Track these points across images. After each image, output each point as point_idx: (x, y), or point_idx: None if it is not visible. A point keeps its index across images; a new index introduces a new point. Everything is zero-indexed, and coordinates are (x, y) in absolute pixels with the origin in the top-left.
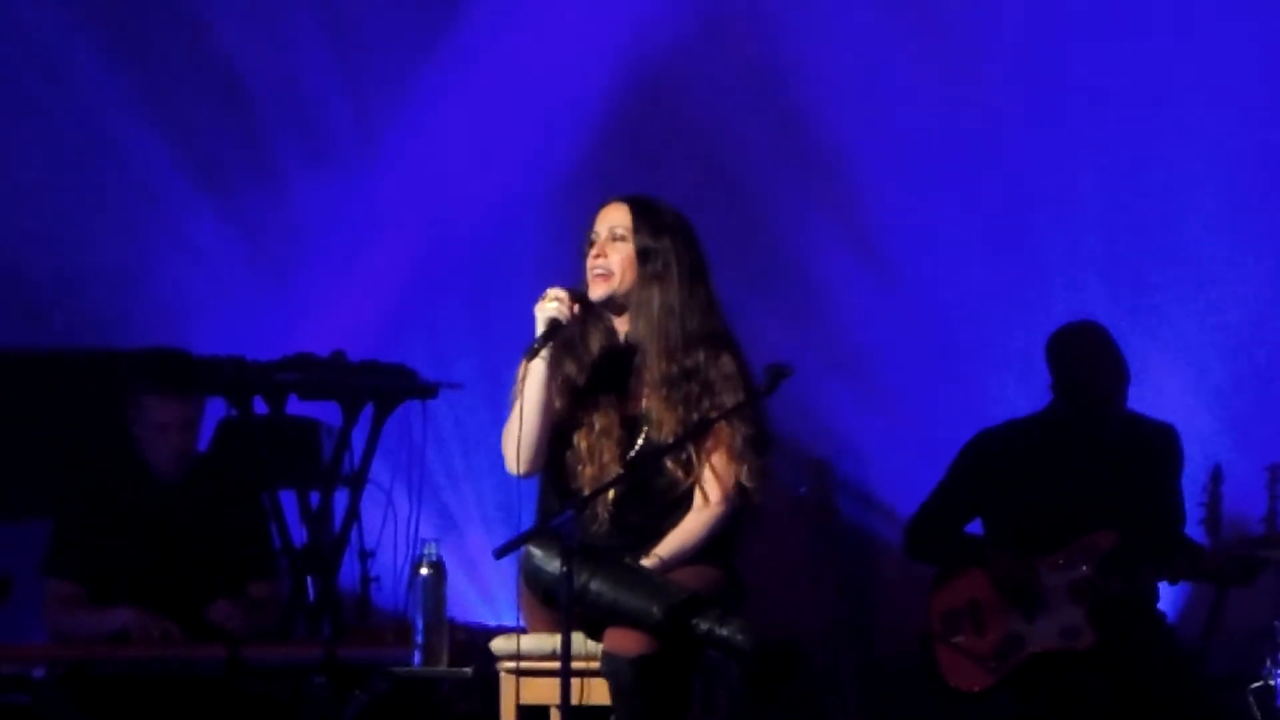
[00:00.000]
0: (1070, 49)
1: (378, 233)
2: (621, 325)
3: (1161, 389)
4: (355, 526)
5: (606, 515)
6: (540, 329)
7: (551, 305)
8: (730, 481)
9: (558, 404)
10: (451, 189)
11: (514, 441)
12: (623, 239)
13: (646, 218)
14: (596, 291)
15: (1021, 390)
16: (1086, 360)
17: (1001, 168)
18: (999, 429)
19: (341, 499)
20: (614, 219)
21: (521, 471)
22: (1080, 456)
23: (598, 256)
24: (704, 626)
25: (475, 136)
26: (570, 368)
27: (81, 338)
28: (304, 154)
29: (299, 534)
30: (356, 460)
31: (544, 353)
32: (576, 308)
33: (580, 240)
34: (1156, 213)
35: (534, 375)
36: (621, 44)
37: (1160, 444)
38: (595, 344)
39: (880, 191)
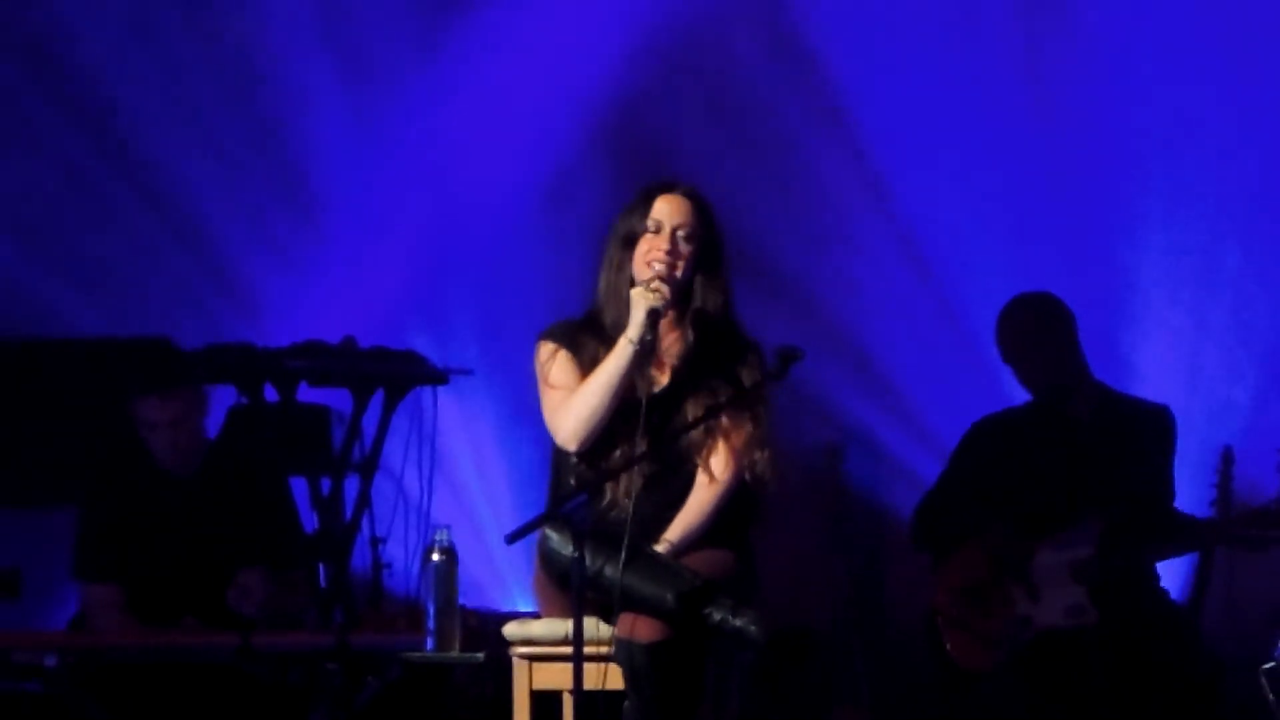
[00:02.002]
0: (1091, 45)
1: (387, 219)
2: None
3: (1173, 371)
4: (366, 513)
5: (628, 501)
6: (640, 315)
7: (655, 295)
8: (738, 464)
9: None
10: (459, 175)
11: (576, 418)
12: (689, 239)
13: (706, 217)
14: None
15: None
16: (1031, 331)
17: (1017, 161)
18: (995, 417)
19: (352, 486)
20: (683, 216)
21: (574, 448)
22: (1073, 441)
23: (670, 254)
24: (717, 616)
25: (482, 123)
26: (600, 350)
27: (87, 328)
28: (310, 141)
29: (310, 521)
30: (367, 447)
31: (639, 340)
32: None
33: (587, 226)
34: (1168, 195)
35: (622, 359)
36: (627, 31)
37: (1153, 424)
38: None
39: (900, 181)
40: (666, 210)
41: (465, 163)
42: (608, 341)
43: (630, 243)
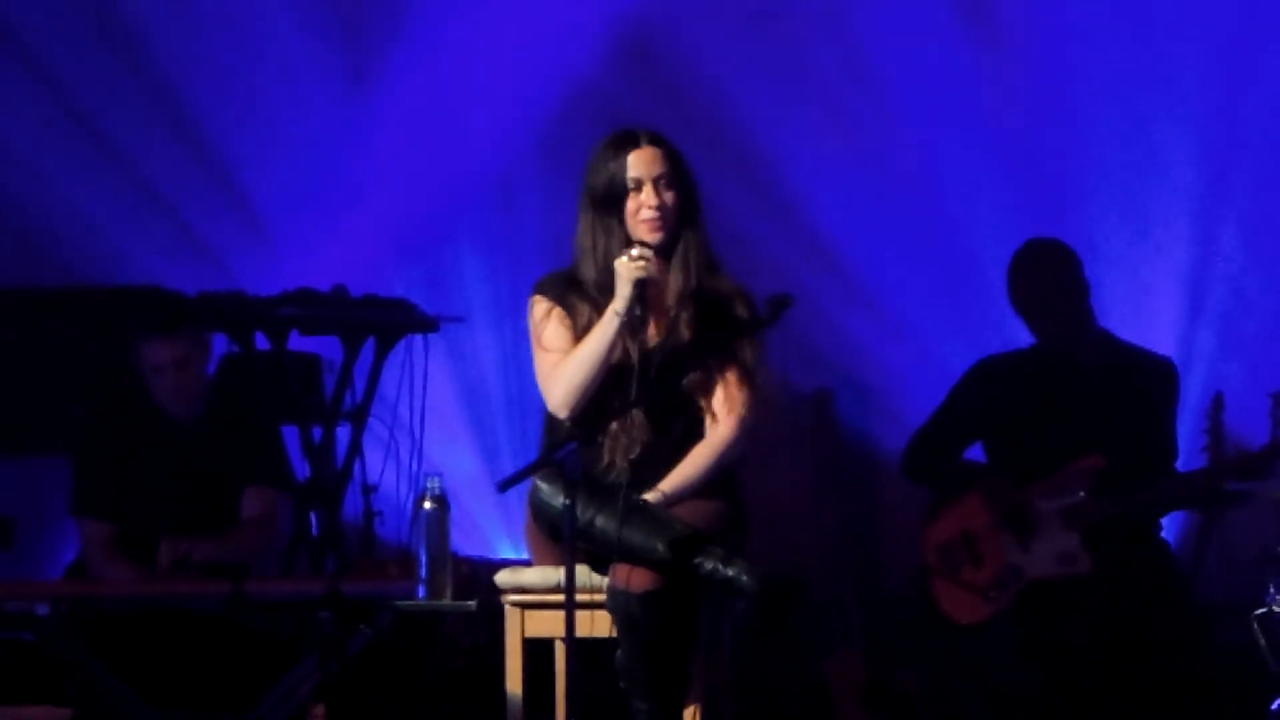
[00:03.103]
0: None
1: (377, 167)
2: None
3: (1164, 314)
4: (358, 461)
5: (625, 465)
6: (626, 288)
7: (640, 265)
8: (741, 405)
9: (577, 341)
10: (450, 122)
11: (566, 387)
12: (668, 186)
13: (677, 161)
14: (652, 238)
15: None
16: (1044, 277)
17: (1009, 94)
18: (999, 358)
19: (344, 434)
20: (657, 165)
21: (564, 415)
22: (1074, 387)
23: (659, 208)
24: (708, 566)
25: (473, 68)
26: (592, 314)
27: (84, 276)
28: (300, 87)
29: (302, 469)
30: (358, 395)
31: (626, 313)
32: (657, 265)
33: (578, 171)
34: (1160, 138)
35: (609, 331)
36: None
37: (1157, 377)
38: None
39: (888, 120)
40: (642, 164)
41: (456, 110)
42: (596, 303)
43: (611, 203)
